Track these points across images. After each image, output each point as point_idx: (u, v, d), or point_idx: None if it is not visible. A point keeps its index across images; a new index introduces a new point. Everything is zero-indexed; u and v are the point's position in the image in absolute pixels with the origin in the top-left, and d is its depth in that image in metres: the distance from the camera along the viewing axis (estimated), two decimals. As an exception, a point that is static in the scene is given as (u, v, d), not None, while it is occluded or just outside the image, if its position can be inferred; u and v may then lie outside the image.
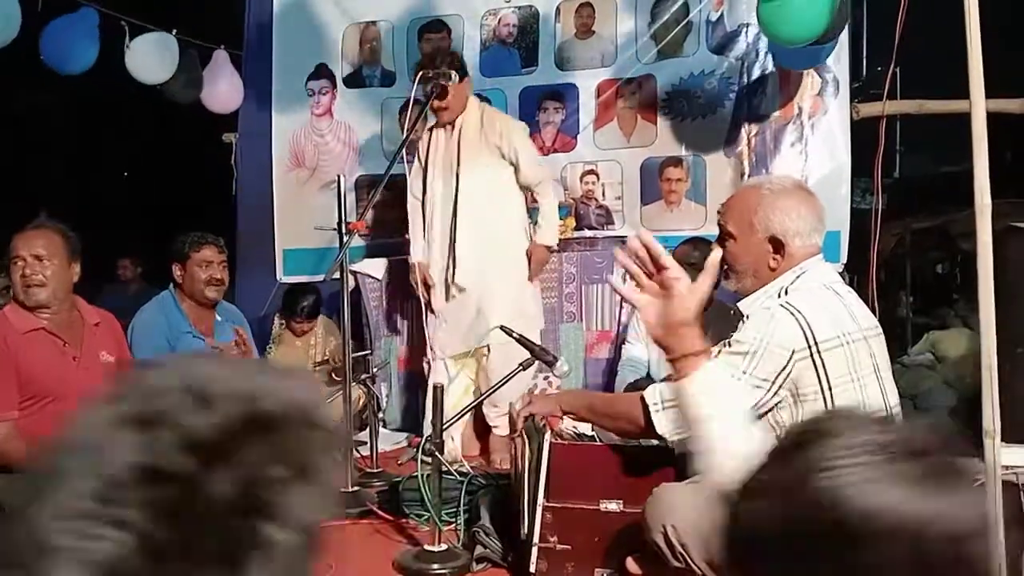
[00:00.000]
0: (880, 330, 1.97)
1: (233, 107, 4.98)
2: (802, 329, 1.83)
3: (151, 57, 4.53)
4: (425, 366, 3.74)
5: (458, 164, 3.51)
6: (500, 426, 3.56)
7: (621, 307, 4.04)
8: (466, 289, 3.55)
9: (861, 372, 1.87)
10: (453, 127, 3.57)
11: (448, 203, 3.54)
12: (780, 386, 1.85)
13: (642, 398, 1.96)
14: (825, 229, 2.02)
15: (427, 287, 3.63)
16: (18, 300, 2.69)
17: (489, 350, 3.56)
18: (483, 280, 3.55)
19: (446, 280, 3.58)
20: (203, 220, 4.13)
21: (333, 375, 4.19)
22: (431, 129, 3.65)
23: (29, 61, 3.99)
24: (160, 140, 7.90)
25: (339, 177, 3.10)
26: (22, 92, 6.96)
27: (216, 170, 5.21)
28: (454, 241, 3.53)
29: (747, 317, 1.93)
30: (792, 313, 1.85)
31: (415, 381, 4.16)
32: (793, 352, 1.83)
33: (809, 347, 1.83)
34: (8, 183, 7.17)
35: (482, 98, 4.01)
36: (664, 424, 1.91)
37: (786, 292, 1.93)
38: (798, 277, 1.94)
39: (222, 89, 4.87)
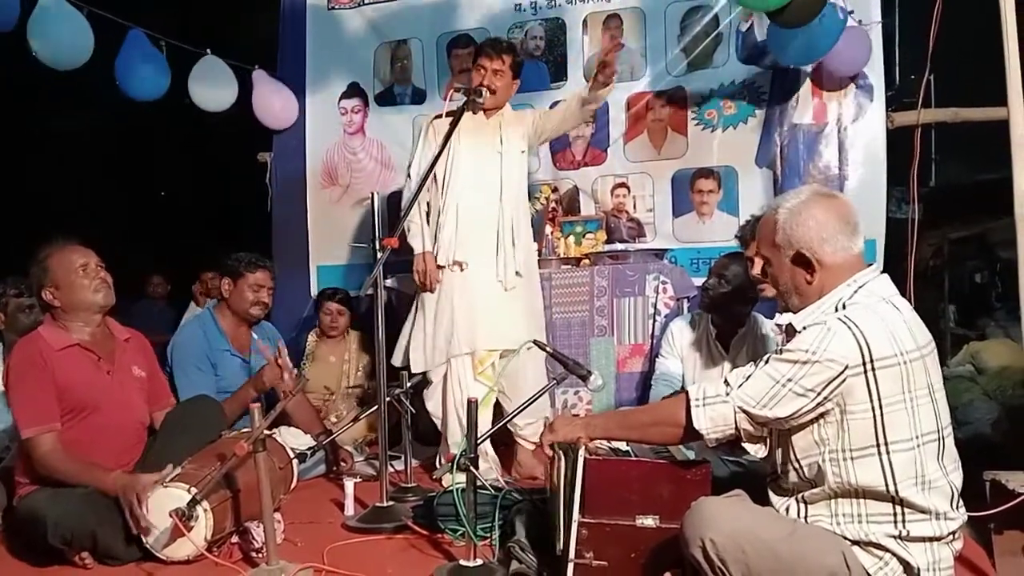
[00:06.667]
0: (934, 346, 1.90)
1: (289, 122, 5.05)
2: (859, 344, 1.79)
3: (211, 84, 4.63)
4: (440, 371, 3.49)
5: (501, 146, 3.47)
6: (529, 437, 3.50)
7: (654, 321, 4.01)
8: (523, 276, 3.47)
9: (916, 391, 1.81)
10: (489, 116, 3.52)
11: (492, 188, 3.44)
12: (825, 398, 1.82)
13: (686, 393, 1.99)
14: (857, 229, 1.94)
15: (435, 280, 3.44)
16: (91, 305, 2.73)
17: (500, 356, 3.46)
18: (524, 275, 3.48)
19: (497, 270, 3.42)
20: (237, 238, 4.18)
21: (366, 389, 4.23)
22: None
23: (64, 82, 4.10)
24: (194, 159, 8.02)
25: (373, 195, 3.12)
26: (63, 112, 7.12)
27: (250, 188, 5.28)
28: (504, 228, 3.41)
29: (802, 329, 1.89)
30: (850, 327, 1.81)
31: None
32: (846, 367, 1.79)
33: (864, 363, 1.79)
34: (40, 201, 7.30)
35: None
36: (702, 420, 1.94)
37: (844, 306, 1.89)
38: (856, 291, 1.90)
39: (276, 105, 4.96)
